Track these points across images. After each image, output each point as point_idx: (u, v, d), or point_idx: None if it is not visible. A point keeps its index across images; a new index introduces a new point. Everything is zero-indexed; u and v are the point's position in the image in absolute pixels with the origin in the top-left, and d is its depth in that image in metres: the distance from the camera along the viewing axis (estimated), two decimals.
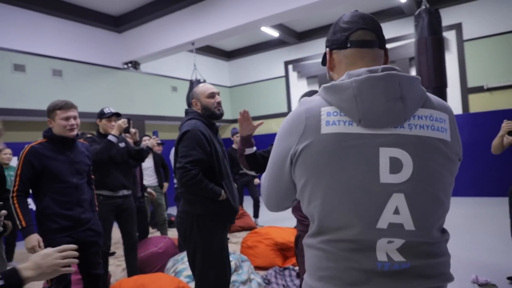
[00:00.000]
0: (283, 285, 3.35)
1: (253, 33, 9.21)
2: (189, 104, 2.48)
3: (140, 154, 3.63)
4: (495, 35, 7.33)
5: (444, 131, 0.90)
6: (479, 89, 7.48)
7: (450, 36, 7.66)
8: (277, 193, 1.04)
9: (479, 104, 7.46)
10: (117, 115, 3.38)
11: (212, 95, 2.35)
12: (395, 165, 0.85)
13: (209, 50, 10.02)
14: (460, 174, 7.39)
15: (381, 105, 0.86)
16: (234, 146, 5.94)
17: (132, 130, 3.26)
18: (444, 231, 0.97)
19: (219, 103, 2.38)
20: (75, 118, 2.52)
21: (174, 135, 6.39)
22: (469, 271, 3.46)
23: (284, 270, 3.63)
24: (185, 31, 6.83)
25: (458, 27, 7.61)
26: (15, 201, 2.32)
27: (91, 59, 7.30)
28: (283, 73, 9.95)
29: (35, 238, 2.28)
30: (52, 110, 2.49)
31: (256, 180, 6.17)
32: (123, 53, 7.78)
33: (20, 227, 2.29)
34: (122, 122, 3.25)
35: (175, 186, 4.44)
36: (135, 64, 7.93)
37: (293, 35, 9.27)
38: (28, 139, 6.78)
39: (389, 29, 8.31)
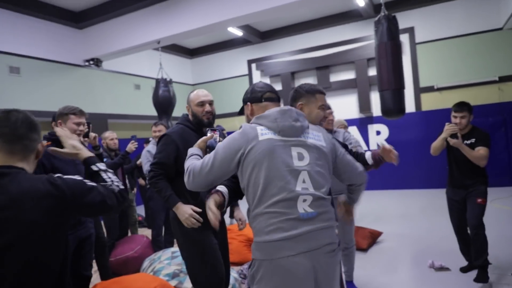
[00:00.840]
0: None
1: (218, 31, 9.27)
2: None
3: (100, 158, 3.55)
4: (445, 39, 7.93)
5: (321, 141, 1.64)
6: (430, 89, 8.07)
7: (404, 39, 8.17)
8: (214, 179, 1.58)
9: (430, 102, 8.04)
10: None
11: (201, 104, 2.38)
12: (301, 156, 1.55)
13: (172, 48, 9.93)
14: (414, 167, 7.96)
15: (288, 123, 1.58)
16: None
17: (92, 134, 3.21)
18: (329, 193, 1.63)
19: (208, 112, 2.40)
20: (84, 125, 2.72)
21: (139, 134, 6.34)
22: (427, 257, 3.82)
23: None
24: (150, 30, 6.77)
25: (411, 31, 8.14)
26: None
27: (50, 56, 7.03)
28: (246, 72, 10.10)
29: None
30: (65, 114, 2.61)
31: None
32: (84, 50, 7.56)
33: None
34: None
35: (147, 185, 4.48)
36: (97, 62, 7.72)
37: (256, 35, 9.43)
38: None
39: (348, 31, 8.72)
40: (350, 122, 8.76)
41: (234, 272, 3.59)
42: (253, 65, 9.92)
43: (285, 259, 1.42)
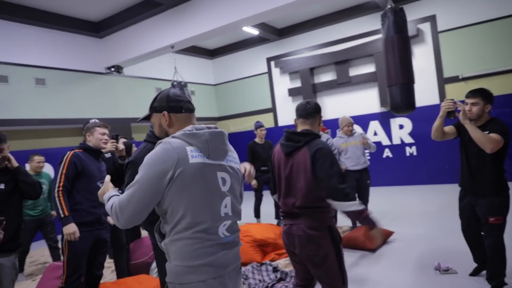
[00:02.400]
0: (259, 280, 3.56)
1: (235, 31, 9.34)
2: None
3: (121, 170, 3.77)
4: (470, 26, 7.53)
5: (237, 163, 1.65)
6: (455, 79, 7.70)
7: (425, 28, 7.85)
8: (146, 207, 1.41)
9: (455, 93, 7.67)
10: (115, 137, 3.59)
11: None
12: (223, 181, 1.52)
13: (192, 50, 10.13)
14: (438, 161, 7.66)
15: (218, 147, 1.53)
16: (257, 140, 5.85)
17: (120, 146, 3.43)
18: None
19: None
20: (108, 135, 3.12)
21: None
22: (434, 258, 3.69)
23: (261, 265, 3.84)
24: (164, 35, 6.95)
25: (432, 19, 7.79)
26: (60, 195, 2.77)
27: (73, 66, 7.41)
28: (265, 70, 10.11)
29: (73, 226, 2.73)
30: (92, 127, 3.05)
31: None
32: (105, 58, 7.89)
33: (62, 215, 2.73)
34: (111, 145, 3.44)
35: None
36: (118, 68, 8.04)
37: (273, 32, 9.40)
38: (14, 148, 6.90)
39: (366, 23, 8.49)
40: (371, 116, 8.57)
41: None
42: (272, 63, 9.91)
43: (213, 281, 1.44)
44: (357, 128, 8.38)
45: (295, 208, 2.21)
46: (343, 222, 5.32)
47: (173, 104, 1.61)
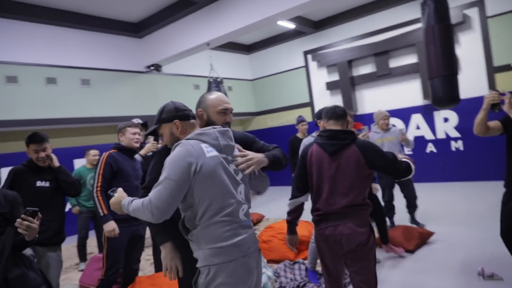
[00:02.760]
0: (291, 278, 3.55)
1: (271, 25, 9.27)
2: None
3: None
4: None
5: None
6: (506, 68, 7.17)
7: (472, 13, 7.37)
8: (177, 199, 1.61)
9: (506, 83, 7.15)
10: (144, 126, 3.77)
11: (224, 112, 2.00)
12: (236, 172, 1.77)
13: (229, 46, 10.19)
14: (488, 157, 7.20)
15: (227, 143, 1.76)
16: (298, 135, 5.78)
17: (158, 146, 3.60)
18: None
19: (228, 123, 2.02)
20: (139, 134, 3.24)
21: None
22: (478, 262, 3.49)
23: (294, 264, 3.82)
24: (200, 33, 7.04)
25: (480, 4, 7.29)
26: (99, 195, 2.92)
27: (115, 66, 7.71)
28: (303, 63, 9.96)
29: (112, 223, 2.89)
30: (124, 127, 3.20)
31: None
32: (144, 57, 8.14)
33: (102, 214, 2.90)
34: (152, 145, 3.60)
35: None
36: (157, 67, 8.27)
37: (310, 25, 9.23)
38: (63, 145, 7.34)
39: (407, 11, 8.10)
40: (414, 109, 8.21)
41: (269, 271, 3.67)
42: (309, 56, 9.75)
43: (243, 258, 1.67)
44: (398, 123, 8.12)
45: (343, 208, 2.23)
46: None
47: (181, 113, 1.82)
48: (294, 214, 2.47)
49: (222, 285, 1.64)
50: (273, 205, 7.71)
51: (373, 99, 8.83)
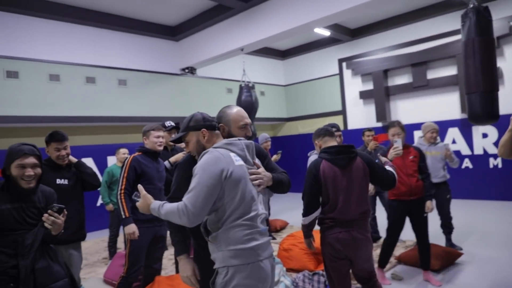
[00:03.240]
0: None
1: (307, 32, 9.25)
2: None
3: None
4: None
5: None
6: None
7: None
8: (210, 203, 1.71)
9: None
10: (177, 128, 3.80)
11: (244, 127, 2.09)
12: None
13: (264, 51, 10.24)
14: None
15: (250, 155, 1.93)
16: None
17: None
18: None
19: (248, 137, 2.09)
20: (162, 137, 3.28)
21: None
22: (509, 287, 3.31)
23: (313, 275, 3.77)
24: (235, 38, 7.13)
25: None
26: (122, 197, 3.00)
27: (152, 67, 7.95)
28: (337, 71, 9.85)
29: (133, 226, 2.98)
30: (147, 131, 3.23)
31: None
32: (180, 60, 8.34)
33: (123, 216, 2.98)
34: (184, 155, 3.66)
35: None
36: (191, 69, 8.44)
37: (346, 33, 9.12)
38: (98, 142, 7.64)
39: (448, 22, 7.83)
40: (451, 123, 7.91)
41: (288, 280, 3.65)
42: (344, 64, 9.62)
43: (259, 262, 1.76)
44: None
45: (356, 215, 2.52)
46: (407, 236, 5.00)
47: (208, 123, 1.93)
48: (311, 227, 2.73)
49: (238, 286, 1.72)
50: (298, 212, 7.61)
51: (407, 111, 8.58)
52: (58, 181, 2.91)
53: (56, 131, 2.95)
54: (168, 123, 3.79)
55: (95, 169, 7.50)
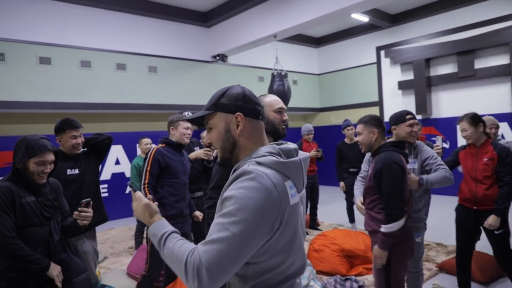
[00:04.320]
0: None
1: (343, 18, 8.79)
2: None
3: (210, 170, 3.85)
4: None
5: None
6: None
7: None
8: (238, 265, 1.01)
9: None
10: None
11: (280, 111, 1.99)
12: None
13: (297, 38, 9.87)
14: None
15: (305, 177, 1.21)
16: (346, 140, 5.55)
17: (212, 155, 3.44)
18: None
19: (284, 121, 2.00)
20: (191, 129, 3.07)
21: None
22: None
23: (345, 280, 3.51)
24: (267, 24, 6.83)
25: None
26: (146, 192, 2.85)
27: (182, 54, 7.80)
28: (374, 60, 9.32)
29: None
30: (176, 121, 3.03)
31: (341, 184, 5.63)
32: (211, 46, 8.13)
33: None
34: (204, 152, 3.45)
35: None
36: (222, 57, 8.23)
37: (386, 19, 8.58)
38: (127, 129, 7.61)
39: (500, 6, 7.16)
40: (500, 117, 7.26)
41: (318, 284, 3.41)
42: (382, 52, 9.08)
43: None
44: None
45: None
46: (449, 240, 4.63)
47: (249, 106, 1.18)
48: (397, 236, 2.24)
49: None
50: (328, 208, 7.34)
51: (451, 103, 8.00)
52: (69, 171, 2.81)
53: (68, 118, 2.82)
54: (187, 113, 3.57)
55: (124, 156, 7.54)
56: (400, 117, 2.84)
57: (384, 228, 2.22)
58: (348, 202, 5.56)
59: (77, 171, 2.84)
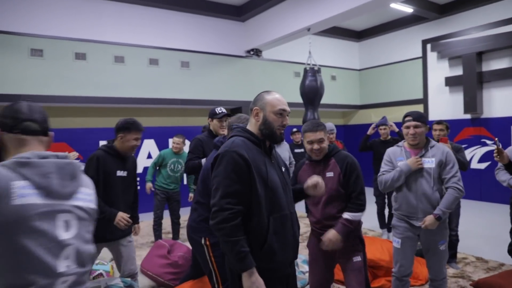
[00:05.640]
0: None
1: (386, 9, 8.27)
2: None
3: None
4: None
5: (91, 201, 1.30)
6: None
7: None
8: None
9: None
10: (228, 115, 3.36)
11: (281, 113, 1.83)
12: (67, 225, 1.19)
13: (337, 32, 9.46)
14: None
15: (63, 183, 1.19)
16: (382, 137, 5.24)
17: None
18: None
19: (284, 126, 1.86)
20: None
21: (294, 121, 6.33)
22: None
23: None
24: (300, 17, 6.57)
25: None
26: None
27: (215, 49, 7.73)
28: (419, 54, 8.68)
29: None
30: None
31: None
32: (245, 41, 7.99)
33: None
34: None
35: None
36: (256, 52, 8.06)
37: (433, 9, 7.93)
38: (160, 124, 7.68)
39: None
40: None
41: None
42: (428, 46, 8.42)
43: None
44: None
45: None
46: (491, 255, 4.15)
47: (5, 120, 1.22)
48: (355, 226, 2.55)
49: None
50: None
51: (505, 101, 7.25)
52: (119, 172, 2.80)
53: (135, 120, 2.80)
54: (219, 110, 3.40)
55: (156, 150, 7.62)
56: (403, 120, 2.80)
57: (351, 216, 2.37)
58: (379, 205, 5.19)
59: (125, 173, 2.86)
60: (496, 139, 3.01)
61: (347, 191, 2.43)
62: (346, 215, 2.37)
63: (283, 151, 5.59)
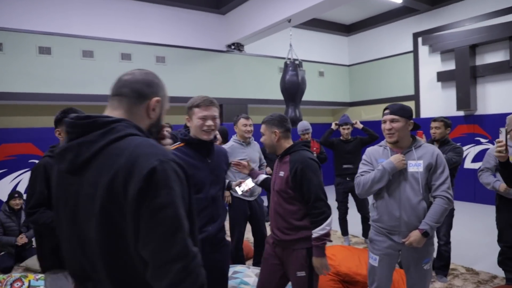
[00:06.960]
0: None
1: (376, 1, 7.86)
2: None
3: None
4: None
5: None
6: None
7: None
8: None
9: None
10: None
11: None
12: None
13: (324, 25, 9.04)
14: None
15: None
16: (342, 137, 4.87)
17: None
18: None
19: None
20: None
21: None
22: None
23: None
24: (280, 7, 6.17)
25: None
26: None
27: (194, 44, 7.30)
28: (410, 48, 8.27)
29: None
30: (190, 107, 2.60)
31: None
32: (226, 35, 7.57)
33: None
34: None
35: None
36: (238, 46, 7.64)
37: (424, 0, 7.52)
38: None
39: None
40: None
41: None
42: (420, 39, 8.01)
43: None
44: None
45: None
46: (482, 266, 3.74)
47: None
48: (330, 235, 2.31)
49: None
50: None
51: (500, 96, 6.85)
52: None
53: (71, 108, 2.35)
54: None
55: None
56: (382, 113, 2.40)
57: (317, 233, 2.10)
58: (341, 211, 4.79)
59: None
60: (504, 129, 2.40)
61: (302, 195, 2.17)
62: (313, 234, 2.14)
63: (253, 152, 5.21)
